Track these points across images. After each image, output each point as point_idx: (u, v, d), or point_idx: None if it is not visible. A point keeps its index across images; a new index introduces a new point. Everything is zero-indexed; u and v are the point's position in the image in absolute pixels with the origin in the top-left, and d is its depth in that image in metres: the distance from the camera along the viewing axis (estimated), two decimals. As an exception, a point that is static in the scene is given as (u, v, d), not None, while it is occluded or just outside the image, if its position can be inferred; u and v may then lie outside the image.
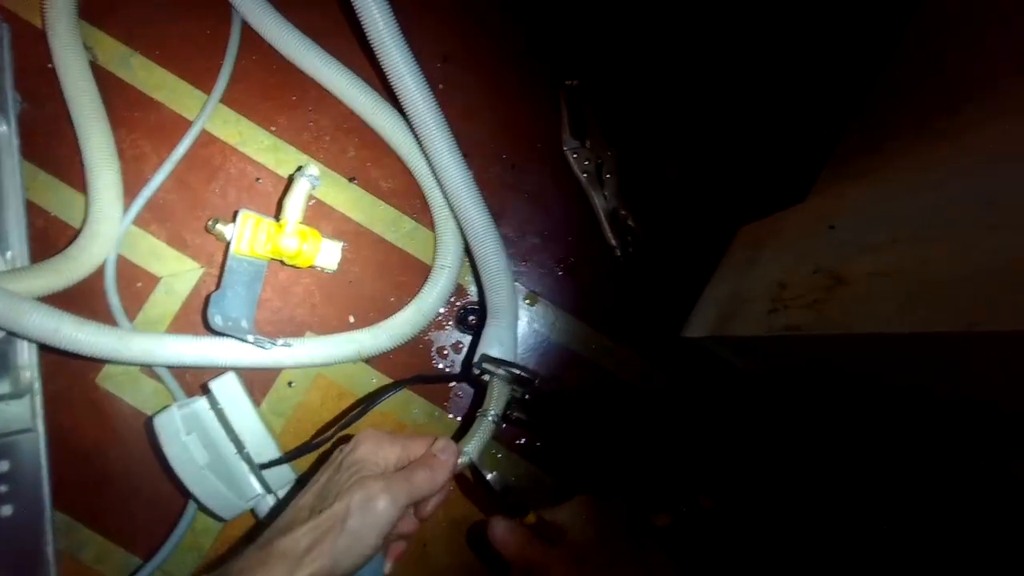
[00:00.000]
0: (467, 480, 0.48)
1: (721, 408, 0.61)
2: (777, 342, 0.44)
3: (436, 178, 0.56)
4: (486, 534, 0.47)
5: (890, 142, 0.47)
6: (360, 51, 0.59)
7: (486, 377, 0.55)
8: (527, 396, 0.57)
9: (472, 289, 0.61)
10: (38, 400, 0.53)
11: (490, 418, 0.52)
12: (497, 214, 0.57)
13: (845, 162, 0.55)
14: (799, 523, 0.58)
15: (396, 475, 0.43)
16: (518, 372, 0.54)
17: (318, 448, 0.53)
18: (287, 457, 0.53)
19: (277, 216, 0.55)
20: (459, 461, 0.47)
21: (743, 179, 0.63)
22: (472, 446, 0.50)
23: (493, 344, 0.56)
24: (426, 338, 0.60)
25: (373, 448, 0.45)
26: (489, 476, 0.50)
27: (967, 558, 0.48)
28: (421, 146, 0.55)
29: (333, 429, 0.55)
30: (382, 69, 0.51)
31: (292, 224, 0.53)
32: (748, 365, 0.58)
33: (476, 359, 0.56)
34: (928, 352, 0.33)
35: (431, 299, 0.58)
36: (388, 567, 0.48)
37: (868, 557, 0.55)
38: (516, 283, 0.60)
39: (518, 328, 0.58)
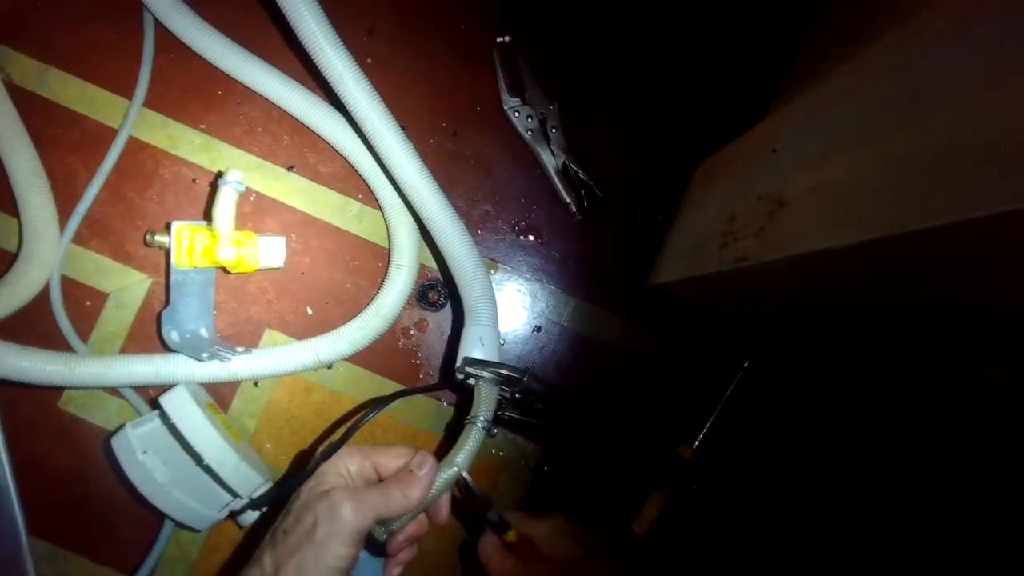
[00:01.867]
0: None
1: (698, 356, 0.59)
2: (732, 277, 0.43)
3: (388, 175, 0.52)
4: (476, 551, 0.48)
5: (825, 55, 0.45)
6: (285, 43, 0.57)
7: (471, 381, 0.49)
8: (517, 395, 0.51)
9: (432, 265, 0.59)
10: (-2, 431, 0.52)
11: (480, 425, 0.46)
12: (445, 185, 0.55)
13: (792, 84, 0.52)
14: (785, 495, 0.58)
15: (368, 489, 0.42)
16: (505, 372, 0.48)
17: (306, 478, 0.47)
18: (275, 491, 0.52)
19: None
20: (449, 474, 0.44)
21: (696, 115, 0.61)
22: (462, 458, 0.45)
23: (475, 345, 0.52)
24: (388, 320, 0.58)
25: (332, 461, 0.44)
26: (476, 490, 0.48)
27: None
28: (367, 142, 0.51)
29: (319, 452, 0.52)
30: (310, 59, 0.48)
31: (225, 234, 0.52)
32: (720, 306, 0.57)
33: (459, 363, 0.51)
34: (872, 263, 0.31)
35: (389, 301, 0.56)
36: (396, 573, 0.47)
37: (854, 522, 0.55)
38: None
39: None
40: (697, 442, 0.57)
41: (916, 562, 0.54)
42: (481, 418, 0.46)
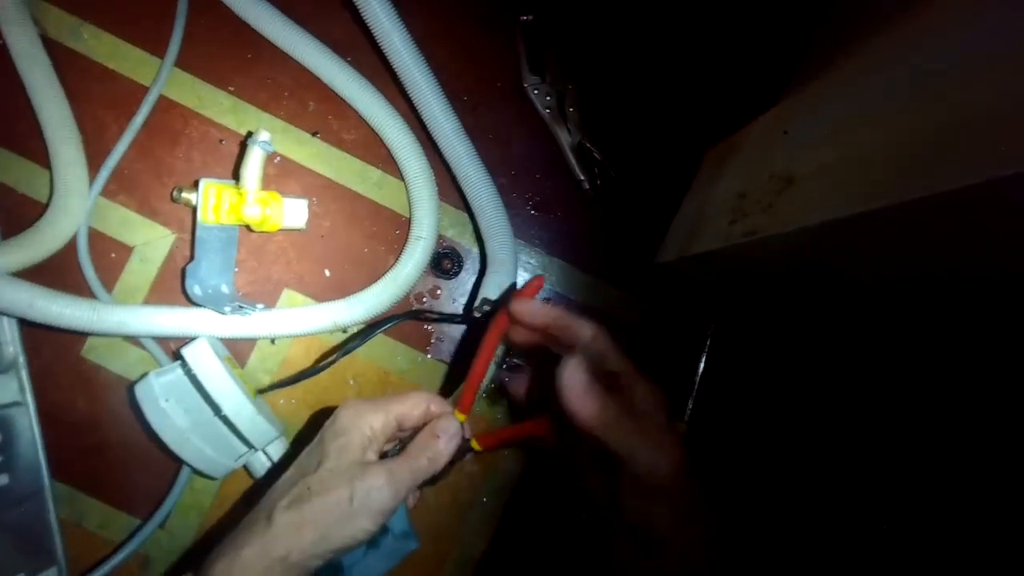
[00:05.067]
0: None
1: (700, 332, 0.61)
2: (739, 251, 0.45)
3: (431, 133, 0.57)
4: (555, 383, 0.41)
5: (839, 40, 0.47)
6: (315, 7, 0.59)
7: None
8: None
9: (448, 233, 0.61)
10: (24, 374, 0.54)
11: (494, 361, 0.51)
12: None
13: (806, 70, 0.54)
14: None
15: (399, 463, 0.43)
16: None
17: (317, 373, 0.56)
18: (286, 382, 0.56)
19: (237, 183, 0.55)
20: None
21: (711, 100, 0.62)
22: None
23: (494, 290, 0.56)
24: (403, 286, 0.60)
25: (353, 417, 0.44)
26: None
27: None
28: (414, 104, 0.56)
29: (333, 357, 0.56)
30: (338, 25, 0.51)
31: (252, 193, 0.53)
32: (724, 284, 0.59)
33: (477, 302, 0.56)
34: (876, 234, 0.33)
35: (406, 271, 0.58)
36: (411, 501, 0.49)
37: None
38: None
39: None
40: (686, 416, 0.59)
41: (915, 561, 0.55)
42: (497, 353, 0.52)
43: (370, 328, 0.56)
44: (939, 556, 0.49)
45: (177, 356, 0.53)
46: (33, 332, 0.54)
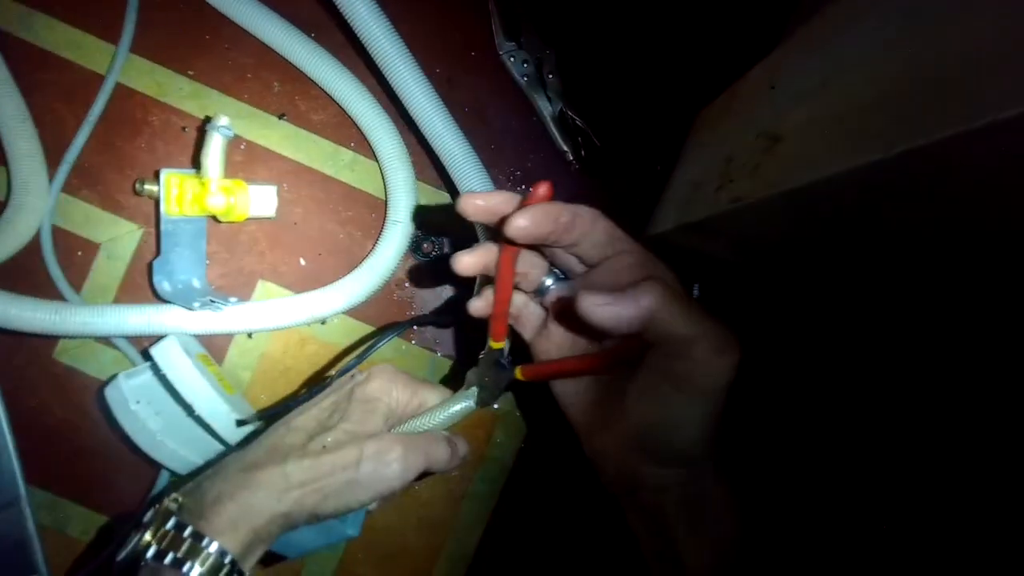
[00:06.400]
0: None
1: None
2: (728, 219, 0.41)
3: (407, 108, 0.53)
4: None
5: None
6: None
7: None
8: None
9: (428, 217, 0.58)
10: (-8, 380, 0.52)
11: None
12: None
13: (798, 16, 0.50)
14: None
15: (416, 443, 0.42)
16: None
17: (308, 400, 0.47)
18: (264, 415, 0.51)
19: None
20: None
21: (701, 57, 0.58)
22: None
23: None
24: (382, 272, 0.58)
25: (387, 386, 0.44)
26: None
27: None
28: (385, 77, 0.52)
29: (326, 381, 0.52)
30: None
31: (215, 181, 0.51)
32: (721, 254, 0.55)
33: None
34: (867, 191, 0.30)
35: (385, 257, 0.55)
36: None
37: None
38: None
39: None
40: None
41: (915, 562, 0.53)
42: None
43: (368, 348, 0.50)
44: (939, 556, 0.46)
45: (146, 356, 0.51)
46: (1, 337, 0.52)
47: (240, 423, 0.51)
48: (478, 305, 0.42)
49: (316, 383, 0.56)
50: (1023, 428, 0.39)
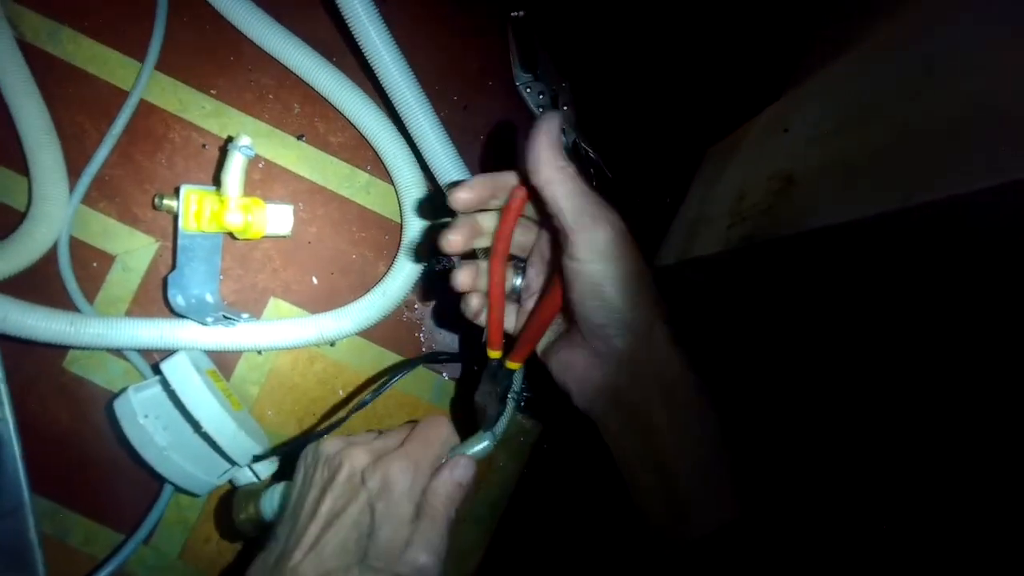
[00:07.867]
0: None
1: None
2: (738, 256, 0.42)
3: (418, 148, 0.54)
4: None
5: (844, 26, 0.44)
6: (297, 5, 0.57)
7: None
8: None
9: (436, 239, 0.59)
10: (2, 388, 0.52)
11: (511, 397, 0.50)
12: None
13: (809, 60, 0.52)
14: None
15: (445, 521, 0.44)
16: None
17: (310, 442, 0.49)
18: (279, 451, 0.53)
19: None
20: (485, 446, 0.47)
21: (712, 95, 0.60)
22: (498, 428, 0.50)
23: None
24: (392, 293, 0.58)
25: (407, 479, 0.43)
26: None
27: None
28: (405, 126, 0.53)
29: (341, 415, 0.54)
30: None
31: (234, 199, 0.52)
32: (726, 290, 0.56)
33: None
34: (879, 241, 0.31)
35: (397, 284, 0.56)
36: None
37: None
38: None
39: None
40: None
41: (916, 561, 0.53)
42: (513, 391, 0.52)
43: (381, 385, 0.53)
44: (939, 556, 0.47)
45: (156, 371, 0.52)
46: (12, 344, 0.53)
47: (257, 459, 0.52)
48: (453, 239, 0.43)
49: (325, 411, 0.57)
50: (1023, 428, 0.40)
